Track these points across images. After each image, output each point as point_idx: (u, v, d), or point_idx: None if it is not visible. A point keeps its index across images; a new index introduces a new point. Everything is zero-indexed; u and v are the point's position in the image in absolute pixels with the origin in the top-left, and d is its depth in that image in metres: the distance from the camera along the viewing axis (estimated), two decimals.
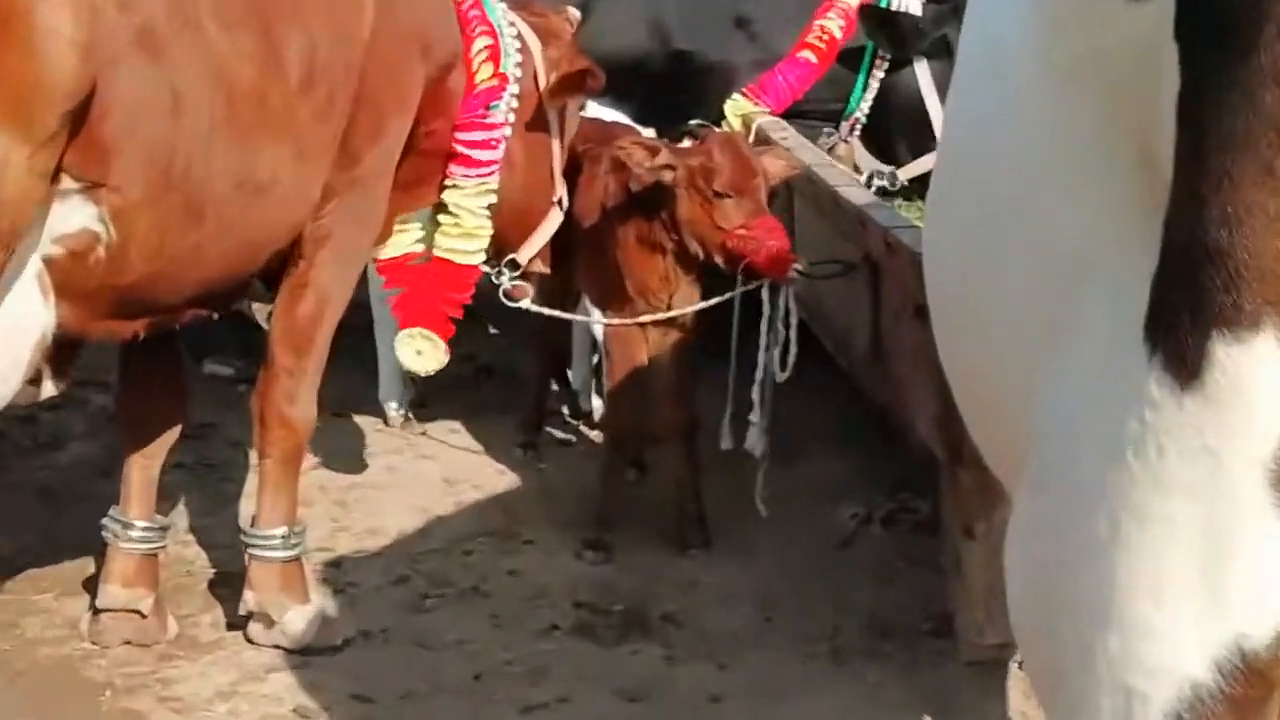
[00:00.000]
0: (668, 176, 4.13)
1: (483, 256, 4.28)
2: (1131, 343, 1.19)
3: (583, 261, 4.58)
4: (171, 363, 3.87)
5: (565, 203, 4.50)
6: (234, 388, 5.16)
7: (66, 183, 2.81)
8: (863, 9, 5.36)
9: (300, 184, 3.41)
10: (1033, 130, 1.39)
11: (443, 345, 4.21)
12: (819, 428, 4.95)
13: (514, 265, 4.45)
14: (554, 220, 4.50)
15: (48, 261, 2.88)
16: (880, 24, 5.38)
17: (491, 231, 4.25)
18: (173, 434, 3.85)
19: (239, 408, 4.65)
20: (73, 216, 2.86)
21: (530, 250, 4.47)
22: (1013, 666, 3.59)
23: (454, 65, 4.05)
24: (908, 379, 3.84)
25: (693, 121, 5.40)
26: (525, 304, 4.50)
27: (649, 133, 5.33)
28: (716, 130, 4.86)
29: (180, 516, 4.35)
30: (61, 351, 3.18)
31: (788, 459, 4.55)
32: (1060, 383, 1.32)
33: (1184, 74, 1.13)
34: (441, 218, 4.20)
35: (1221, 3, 1.10)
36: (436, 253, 4.23)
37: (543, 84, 4.38)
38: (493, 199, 4.21)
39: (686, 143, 5.31)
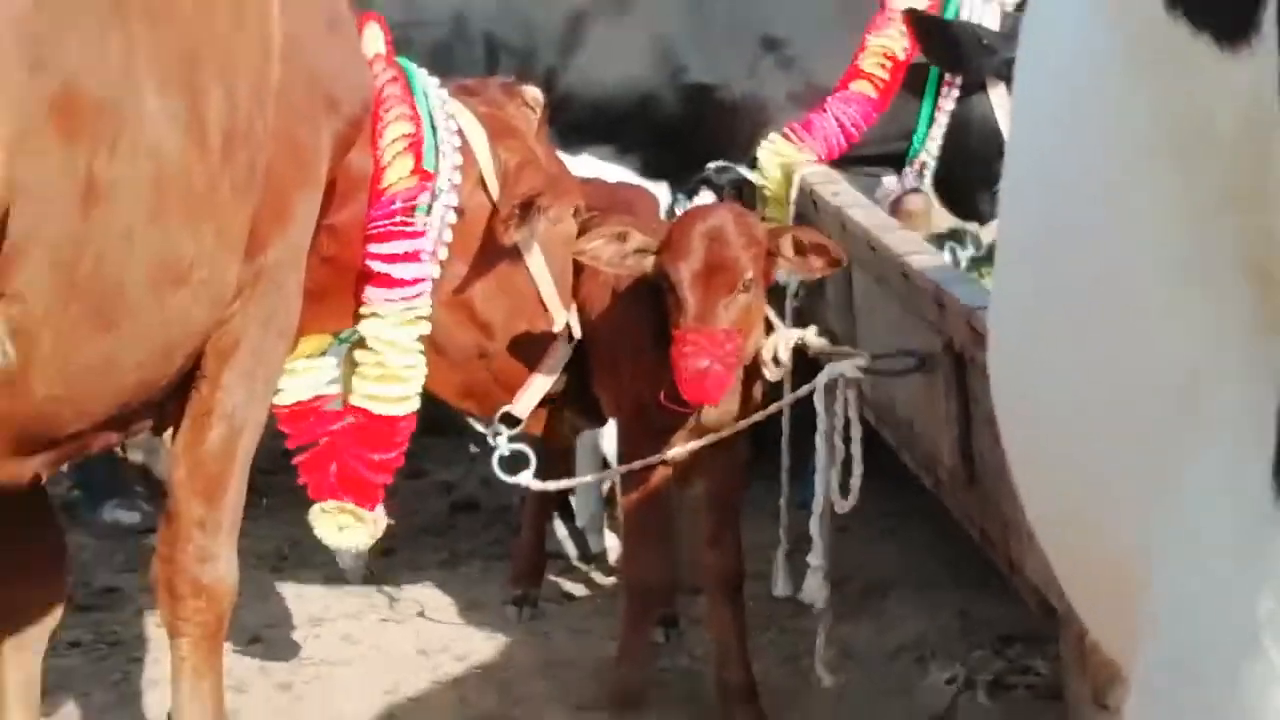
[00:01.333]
0: (647, 264, 4.15)
1: (414, 405, 4.28)
2: (1259, 490, 1.18)
3: (595, 362, 4.58)
4: (40, 518, 3.85)
5: (575, 333, 4.51)
6: (142, 539, 5.17)
7: None
8: (911, 18, 5.36)
9: (221, 269, 3.42)
10: (1115, 217, 1.39)
11: (372, 515, 4.21)
12: (897, 569, 4.94)
13: (511, 421, 4.47)
14: (557, 357, 4.51)
15: None
16: (935, 38, 5.41)
17: (424, 373, 4.27)
18: (51, 612, 3.82)
19: (148, 565, 4.68)
20: None
21: (530, 400, 4.51)
22: None
23: (361, 126, 4.07)
24: (1011, 502, 3.81)
25: (712, 165, 5.46)
26: (526, 479, 4.55)
27: (660, 190, 5.38)
28: (724, 203, 4.90)
29: (76, 714, 4.34)
30: None
31: (857, 610, 4.54)
32: (1169, 546, 1.32)
33: None
34: (359, 355, 4.22)
35: None
36: (354, 400, 4.25)
37: (492, 195, 4.39)
38: (424, 329, 4.24)
39: (704, 196, 5.38)
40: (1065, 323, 1.49)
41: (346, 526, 4.22)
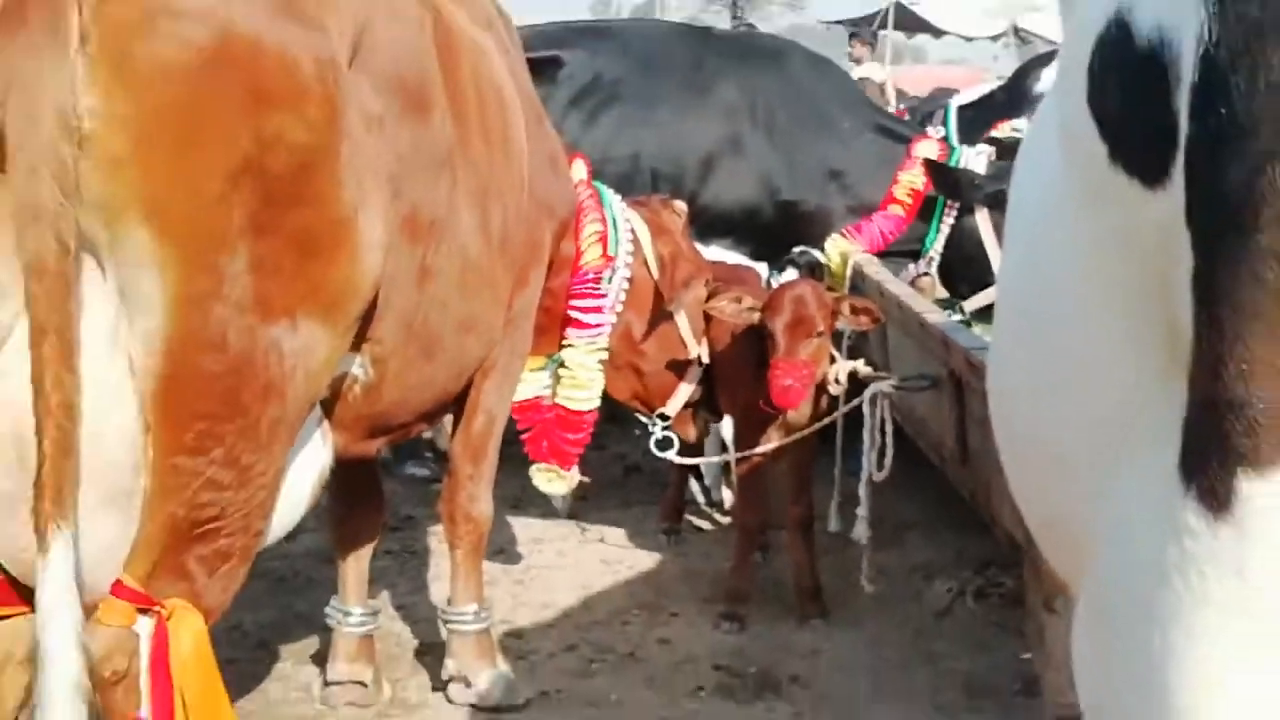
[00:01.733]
0: (754, 317, 4.17)
1: (595, 404, 4.30)
2: (1171, 481, 1.16)
3: (718, 379, 4.60)
4: (370, 474, 3.88)
5: (705, 360, 4.50)
6: (429, 486, 5.23)
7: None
8: (929, 165, 5.37)
9: (493, 322, 3.46)
10: (1076, 302, 1.36)
11: (569, 473, 4.26)
12: (915, 516, 4.92)
13: (664, 417, 4.52)
14: (693, 375, 4.52)
15: (324, 406, 2.87)
16: (943, 177, 5.39)
17: (601, 384, 4.28)
18: (375, 532, 3.88)
19: (434, 503, 4.75)
20: (347, 367, 2.86)
21: (676, 404, 4.53)
22: None
23: (568, 226, 4.06)
24: (992, 476, 3.81)
25: (795, 250, 5.47)
26: (670, 455, 4.57)
27: (761, 267, 5.40)
28: (803, 279, 4.85)
29: (389, 598, 4.42)
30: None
31: (888, 543, 4.52)
32: (1115, 513, 1.30)
33: (1196, 254, 1.12)
34: (560, 371, 4.25)
35: (1224, 193, 1.09)
36: (557, 400, 4.27)
37: (652, 273, 4.41)
38: (603, 355, 4.26)
39: (789, 272, 5.39)
40: (1044, 366, 1.47)
41: (553, 480, 4.29)
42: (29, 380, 2.30)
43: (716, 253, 5.20)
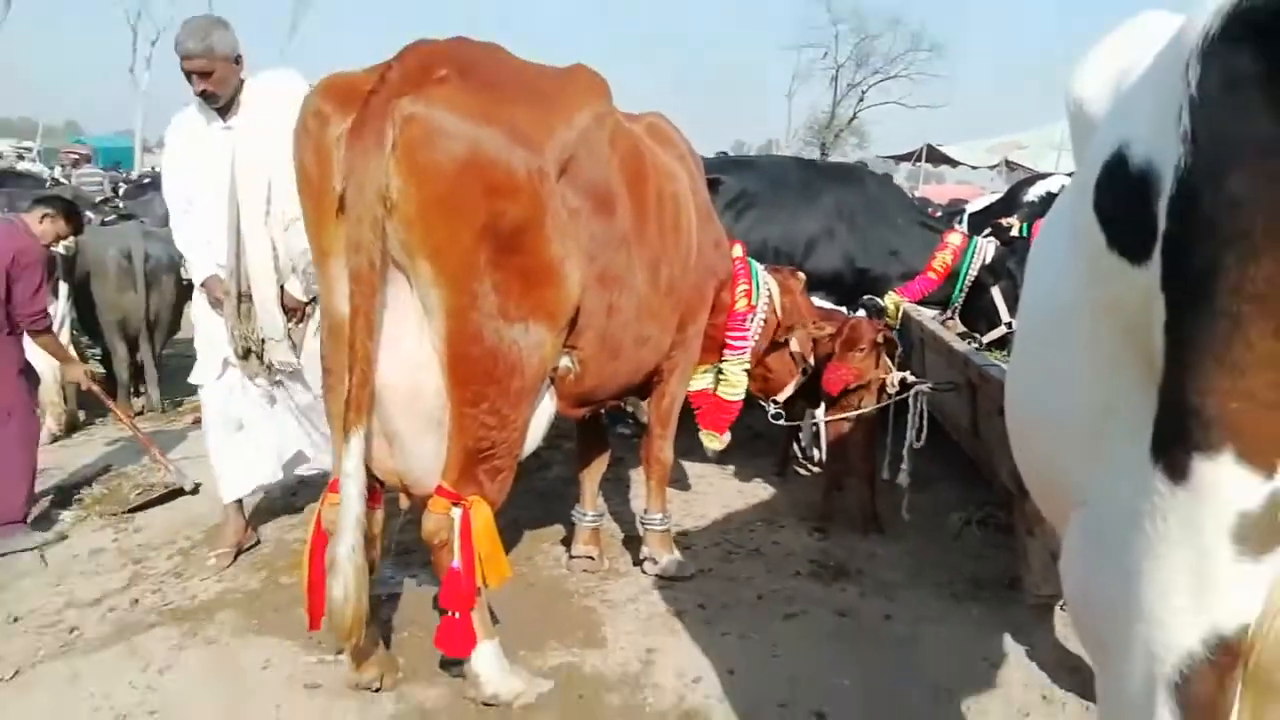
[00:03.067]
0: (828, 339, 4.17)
1: (742, 395, 4.20)
2: (1144, 456, 1.14)
3: (816, 382, 4.50)
4: (600, 429, 3.91)
5: (808, 369, 4.42)
6: (630, 440, 5.26)
7: (562, 348, 2.82)
8: (995, 227, 5.25)
9: (662, 339, 3.41)
10: (1081, 339, 1.32)
11: (724, 437, 4.20)
12: (939, 472, 4.75)
13: (776, 403, 4.47)
14: (797, 380, 4.44)
15: (551, 382, 2.86)
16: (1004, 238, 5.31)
17: (746, 383, 4.20)
18: (603, 464, 3.91)
19: (634, 451, 4.82)
20: (562, 361, 2.87)
21: (784, 395, 4.46)
22: (1058, 609, 3.39)
23: (727, 284, 3.99)
24: (994, 448, 3.70)
25: (865, 297, 5.38)
26: (781, 422, 4.51)
27: (843, 309, 5.31)
28: (864, 315, 4.74)
29: (607, 507, 4.45)
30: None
31: (921, 488, 4.38)
32: (1105, 474, 1.27)
33: (1168, 310, 1.10)
34: (719, 376, 4.18)
35: (1190, 270, 1.07)
36: (717, 392, 4.20)
37: (778, 314, 4.33)
38: (747, 366, 4.18)
39: (860, 312, 5.29)
40: (1052, 383, 1.43)
41: (712, 439, 4.24)
42: (380, 351, 2.43)
43: (817, 301, 5.13)
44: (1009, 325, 4.97)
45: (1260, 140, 1.00)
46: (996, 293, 5.16)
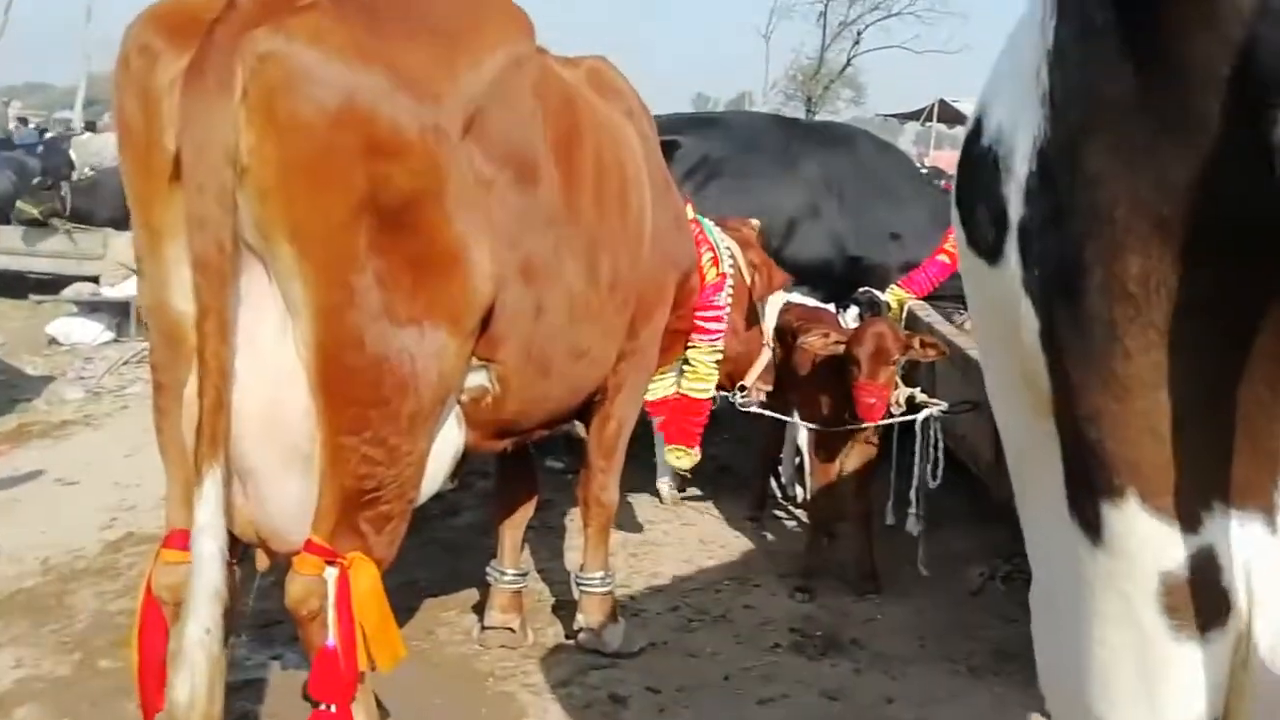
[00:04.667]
0: (839, 349, 4.12)
1: (711, 392, 4.25)
2: (1064, 511, 1.14)
3: (799, 396, 4.53)
4: (526, 464, 3.89)
5: (773, 345, 4.49)
6: (564, 476, 5.22)
7: (474, 361, 2.79)
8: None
9: (604, 350, 3.38)
10: (994, 366, 1.35)
11: (694, 451, 4.25)
12: (957, 512, 4.79)
13: (743, 388, 4.51)
14: (765, 357, 4.52)
15: (460, 405, 2.86)
16: None
17: (717, 377, 4.23)
18: (529, 509, 3.88)
19: (568, 490, 4.79)
20: (474, 378, 2.84)
21: (752, 377, 4.52)
22: None
23: (691, 274, 4.01)
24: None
25: (860, 290, 5.41)
26: (753, 407, 4.55)
27: (831, 307, 5.35)
28: (877, 317, 4.74)
29: (533, 563, 4.43)
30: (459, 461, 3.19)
31: (935, 533, 4.42)
32: (1034, 532, 1.30)
33: (1040, 318, 1.08)
34: (685, 367, 4.20)
35: (1055, 267, 1.05)
36: (681, 390, 4.22)
37: (746, 278, 4.36)
38: (719, 356, 4.21)
39: (853, 309, 5.33)
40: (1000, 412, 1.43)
41: (681, 456, 4.26)
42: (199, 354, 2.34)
43: (798, 298, 5.15)
44: None
45: (1118, 100, 0.96)
46: None
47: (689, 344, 4.16)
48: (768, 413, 4.61)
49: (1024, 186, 1.07)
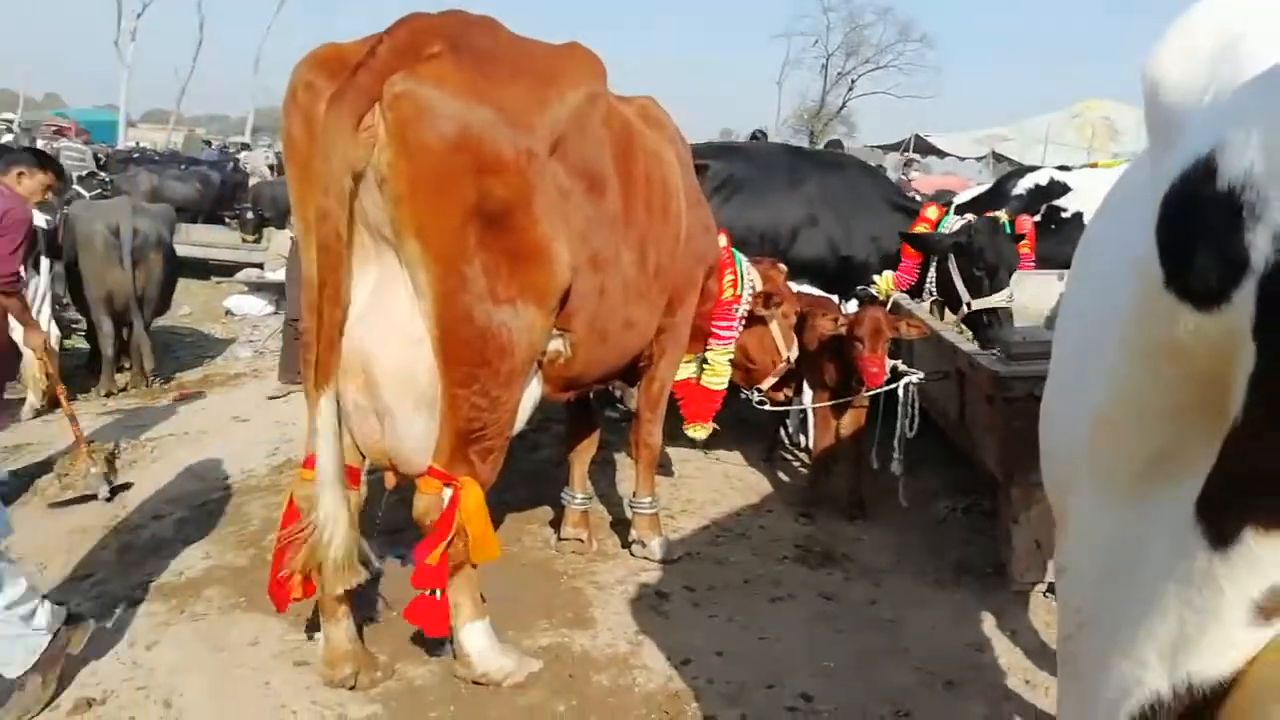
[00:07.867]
0: (843, 330, 4.07)
1: (725, 383, 4.17)
2: (1186, 510, 1.02)
3: (807, 369, 4.48)
4: (589, 412, 3.88)
5: (792, 359, 4.35)
6: (619, 424, 5.22)
7: (554, 331, 2.80)
8: (907, 238, 5.13)
9: (649, 324, 3.38)
10: (1125, 379, 1.13)
11: (709, 426, 4.17)
12: (929, 459, 4.72)
13: (759, 390, 4.40)
14: (781, 370, 4.37)
15: (540, 365, 2.86)
16: (919, 242, 5.12)
17: (730, 373, 4.17)
18: (592, 447, 3.89)
19: (622, 434, 4.80)
20: (552, 344, 2.84)
21: (767, 385, 4.38)
22: (1038, 594, 3.40)
23: (714, 271, 3.94)
24: (980, 435, 3.71)
25: (859, 288, 5.33)
26: (766, 406, 4.45)
27: (833, 296, 5.27)
28: (872, 305, 4.63)
29: (596, 489, 4.41)
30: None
31: (911, 474, 4.36)
32: (1134, 515, 1.14)
33: (1263, 361, 0.90)
34: (704, 365, 4.15)
35: None
36: (701, 381, 4.17)
37: (761, 304, 4.25)
38: (731, 356, 4.15)
39: (853, 303, 5.24)
40: (1073, 404, 1.30)
41: (697, 430, 4.21)
42: (372, 328, 2.44)
43: (804, 289, 5.08)
44: (969, 306, 4.89)
45: None
46: (955, 270, 5.00)
47: (708, 346, 4.11)
48: (778, 408, 4.57)
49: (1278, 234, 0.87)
